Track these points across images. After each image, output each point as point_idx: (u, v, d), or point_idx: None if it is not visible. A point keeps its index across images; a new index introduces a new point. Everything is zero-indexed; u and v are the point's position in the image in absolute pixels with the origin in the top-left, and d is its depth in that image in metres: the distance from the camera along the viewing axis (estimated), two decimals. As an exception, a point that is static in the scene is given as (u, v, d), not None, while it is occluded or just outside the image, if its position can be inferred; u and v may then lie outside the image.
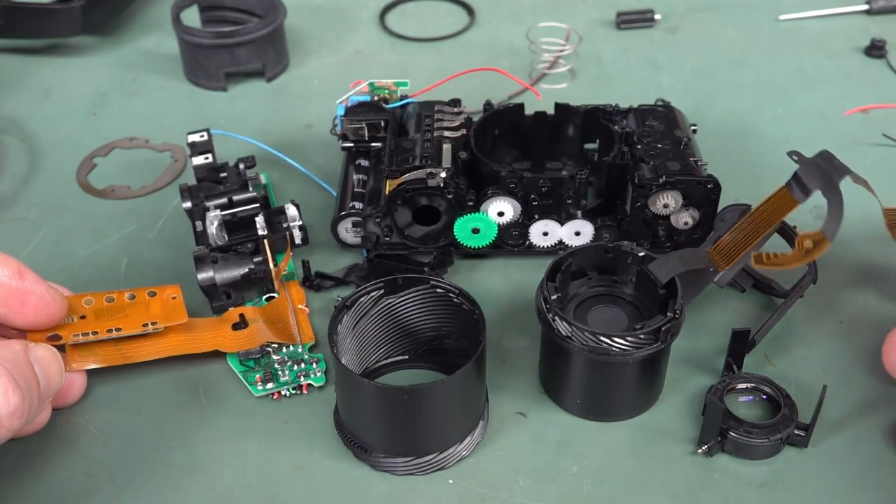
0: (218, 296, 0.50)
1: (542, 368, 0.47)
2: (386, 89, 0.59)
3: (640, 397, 0.45)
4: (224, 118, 0.67)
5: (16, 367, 0.39)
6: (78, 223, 0.58)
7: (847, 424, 0.44)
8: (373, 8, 0.80)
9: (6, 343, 0.40)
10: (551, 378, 0.46)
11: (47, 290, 0.43)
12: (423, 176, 0.50)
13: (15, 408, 0.38)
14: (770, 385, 0.44)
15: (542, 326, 0.44)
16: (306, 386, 0.47)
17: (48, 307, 0.43)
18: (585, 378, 0.44)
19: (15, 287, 0.42)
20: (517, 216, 0.52)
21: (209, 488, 0.43)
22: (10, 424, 0.38)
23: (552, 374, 0.46)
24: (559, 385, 0.45)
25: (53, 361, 0.41)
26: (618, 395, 0.44)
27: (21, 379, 0.38)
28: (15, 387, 0.38)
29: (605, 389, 0.44)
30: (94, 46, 0.76)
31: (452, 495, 0.42)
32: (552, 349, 0.44)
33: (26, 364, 0.39)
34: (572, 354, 0.43)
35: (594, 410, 0.45)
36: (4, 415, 0.37)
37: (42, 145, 0.65)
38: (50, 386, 0.41)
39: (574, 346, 0.42)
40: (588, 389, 0.44)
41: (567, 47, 0.71)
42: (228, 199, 0.52)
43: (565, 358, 0.43)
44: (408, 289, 0.45)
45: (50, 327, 0.44)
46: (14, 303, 0.42)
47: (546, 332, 0.44)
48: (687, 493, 0.42)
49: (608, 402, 0.45)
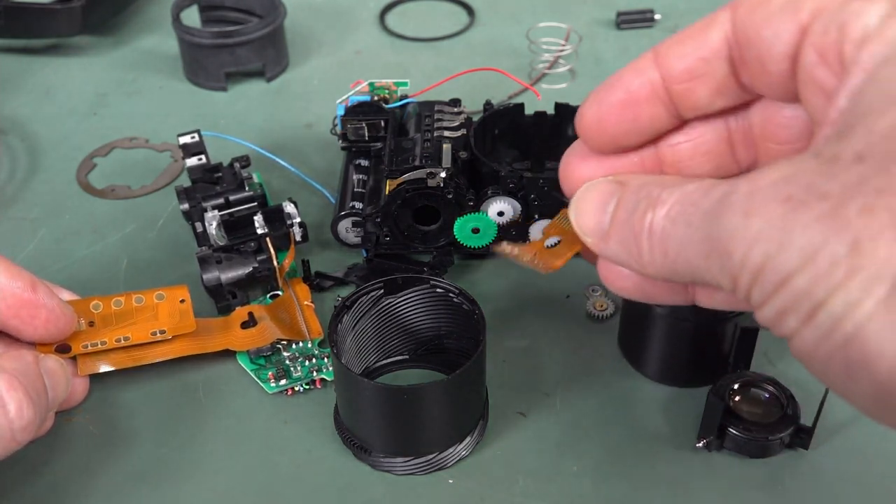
0: (223, 296, 0.50)
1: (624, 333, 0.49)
2: (386, 89, 0.59)
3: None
4: (224, 118, 0.67)
5: (29, 380, 0.39)
6: (78, 223, 0.58)
7: (847, 425, 0.44)
8: (373, 8, 0.80)
9: (18, 354, 0.40)
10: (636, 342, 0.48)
11: (58, 304, 0.43)
12: (423, 176, 0.50)
13: (28, 422, 0.38)
14: (774, 385, 0.44)
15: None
16: (319, 381, 0.47)
17: (58, 321, 0.43)
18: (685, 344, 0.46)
19: (27, 299, 0.42)
20: (517, 216, 0.52)
21: (209, 488, 0.43)
22: (21, 438, 0.38)
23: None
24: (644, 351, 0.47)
25: (61, 373, 0.42)
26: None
27: (33, 392, 0.39)
28: (29, 401, 0.38)
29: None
30: (94, 46, 0.76)
31: (452, 495, 0.42)
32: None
33: (38, 377, 0.40)
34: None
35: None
36: (18, 428, 0.38)
37: (42, 145, 0.65)
38: (56, 398, 0.41)
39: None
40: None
41: (567, 47, 0.71)
42: (225, 199, 0.52)
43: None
44: (407, 289, 0.45)
45: (59, 340, 0.44)
46: (25, 315, 0.42)
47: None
48: (687, 492, 0.42)
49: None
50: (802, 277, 0.24)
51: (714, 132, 0.33)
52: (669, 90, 0.32)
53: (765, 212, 0.25)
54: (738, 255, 0.26)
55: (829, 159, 0.25)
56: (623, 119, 0.33)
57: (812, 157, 0.25)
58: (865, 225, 0.23)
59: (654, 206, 0.29)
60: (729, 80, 0.31)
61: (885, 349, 0.23)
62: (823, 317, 0.24)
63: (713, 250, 0.27)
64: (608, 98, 0.33)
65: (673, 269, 0.29)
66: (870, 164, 0.24)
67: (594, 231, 0.32)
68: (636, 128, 0.33)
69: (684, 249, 0.28)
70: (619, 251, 0.31)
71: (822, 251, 0.24)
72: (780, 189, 0.25)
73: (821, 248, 0.24)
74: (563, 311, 0.51)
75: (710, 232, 0.27)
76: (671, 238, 0.28)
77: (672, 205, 0.29)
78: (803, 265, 0.24)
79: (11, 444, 0.38)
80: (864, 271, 0.23)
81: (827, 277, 0.23)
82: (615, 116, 0.33)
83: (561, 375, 0.48)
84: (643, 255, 0.30)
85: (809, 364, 0.25)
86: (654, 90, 0.32)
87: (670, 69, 0.31)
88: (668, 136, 0.34)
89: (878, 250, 0.23)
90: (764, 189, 0.25)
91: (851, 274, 0.23)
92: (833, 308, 0.24)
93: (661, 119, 0.33)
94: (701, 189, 0.28)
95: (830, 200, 0.24)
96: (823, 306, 0.24)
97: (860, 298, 0.23)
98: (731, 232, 0.26)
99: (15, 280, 0.42)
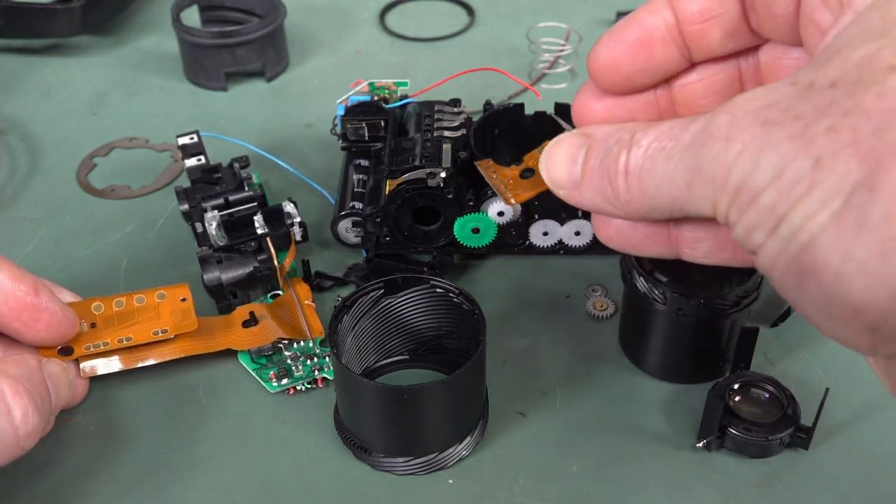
0: (224, 296, 0.50)
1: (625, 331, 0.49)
2: (386, 89, 0.59)
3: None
4: (224, 118, 0.67)
5: (33, 385, 0.39)
6: (78, 223, 0.58)
7: (847, 425, 0.44)
8: (373, 8, 0.80)
9: (22, 359, 0.40)
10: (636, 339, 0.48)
11: (60, 307, 0.43)
12: (423, 176, 0.50)
13: (34, 428, 0.38)
14: (774, 385, 0.44)
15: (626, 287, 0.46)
16: (321, 380, 0.47)
17: (60, 325, 0.43)
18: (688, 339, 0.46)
19: (29, 303, 0.42)
20: (517, 216, 0.52)
21: (209, 488, 0.43)
22: (26, 444, 0.38)
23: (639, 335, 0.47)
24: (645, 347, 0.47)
25: (63, 377, 0.42)
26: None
27: (38, 397, 0.39)
28: (35, 407, 0.38)
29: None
30: (94, 46, 0.76)
31: (452, 495, 0.42)
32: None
33: (41, 382, 0.40)
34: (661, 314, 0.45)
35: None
36: (23, 435, 0.38)
37: (42, 145, 0.65)
38: (59, 402, 0.41)
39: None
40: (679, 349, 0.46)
41: (567, 47, 0.71)
42: (225, 200, 0.52)
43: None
44: (407, 289, 0.45)
45: (60, 344, 0.44)
46: (27, 318, 0.42)
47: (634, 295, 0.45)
48: (687, 492, 0.42)
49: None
50: (770, 193, 0.25)
51: (725, 72, 0.34)
52: (683, 31, 0.33)
53: (744, 136, 0.26)
54: (721, 179, 0.27)
55: (805, 86, 0.26)
56: (638, 59, 0.33)
57: (789, 84, 0.26)
58: (829, 142, 0.24)
59: (629, 148, 0.30)
60: (740, 23, 0.32)
61: (831, 258, 0.24)
62: (784, 229, 0.25)
63: (696, 179, 0.28)
64: (624, 37, 0.33)
65: (652, 205, 0.30)
66: (841, 88, 0.25)
67: (566, 183, 0.33)
68: (650, 67, 0.34)
69: (665, 183, 0.29)
70: (593, 197, 0.32)
71: (788, 167, 0.25)
72: (759, 114, 0.26)
73: (789, 164, 0.25)
74: (563, 311, 0.51)
75: (693, 163, 0.28)
76: (650, 174, 0.30)
77: (649, 143, 0.30)
78: (772, 181, 0.25)
79: (16, 451, 0.38)
80: (823, 185, 0.24)
81: (790, 192, 0.25)
82: (630, 56, 0.33)
83: (561, 375, 0.48)
84: (620, 197, 0.31)
85: (771, 277, 0.27)
86: (669, 31, 0.33)
87: (684, 10, 0.32)
88: (680, 76, 0.34)
89: (837, 166, 0.24)
90: (743, 116, 0.27)
91: (811, 188, 0.24)
92: (793, 220, 0.25)
93: (673, 60, 0.33)
94: (679, 125, 0.29)
95: (803, 120, 0.25)
96: (785, 219, 0.25)
97: (816, 210, 0.24)
98: (714, 158, 0.27)
99: (18, 283, 0.41)
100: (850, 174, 0.24)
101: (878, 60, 0.25)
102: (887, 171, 0.23)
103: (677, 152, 0.29)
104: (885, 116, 0.24)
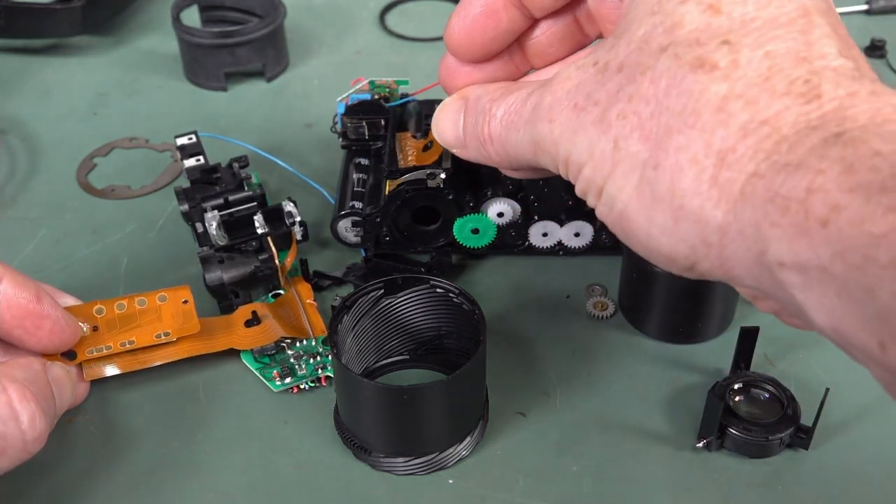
0: (226, 295, 0.50)
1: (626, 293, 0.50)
2: (386, 87, 0.59)
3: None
4: (224, 118, 0.67)
5: (39, 389, 0.39)
6: (78, 223, 0.58)
7: (847, 425, 0.44)
8: (373, 8, 0.80)
9: (26, 363, 0.40)
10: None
11: (63, 315, 0.43)
12: (423, 176, 0.50)
13: (40, 432, 0.38)
14: (774, 385, 0.44)
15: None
16: (324, 378, 0.47)
17: (62, 332, 0.43)
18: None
19: (32, 310, 0.42)
20: (517, 217, 0.52)
21: (209, 488, 0.43)
22: (33, 448, 0.38)
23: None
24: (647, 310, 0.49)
25: (67, 381, 0.42)
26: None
27: (43, 402, 0.39)
28: (41, 412, 0.38)
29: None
30: (94, 46, 0.76)
31: (452, 495, 0.42)
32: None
33: (46, 386, 0.40)
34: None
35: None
36: (30, 439, 0.38)
37: (42, 145, 0.65)
38: (62, 406, 0.41)
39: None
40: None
41: (567, 47, 0.71)
42: (225, 200, 0.52)
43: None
44: (407, 289, 0.45)
45: (61, 351, 0.44)
46: (29, 325, 0.42)
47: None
48: (687, 492, 0.42)
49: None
50: (588, 168, 0.31)
51: (563, 22, 0.39)
52: None
53: (561, 119, 0.32)
54: (552, 153, 0.33)
55: (601, 69, 0.31)
56: (487, 27, 0.39)
57: (592, 65, 0.32)
58: (621, 126, 0.30)
59: (488, 119, 0.37)
60: None
61: (640, 224, 0.30)
62: (605, 197, 0.31)
63: (538, 150, 0.34)
64: (471, 12, 0.39)
65: (518, 162, 0.36)
66: (625, 73, 0.30)
67: (455, 143, 0.40)
68: (499, 34, 0.39)
69: (519, 150, 0.35)
70: (476, 155, 0.39)
71: (596, 149, 0.31)
72: (571, 97, 0.32)
73: (595, 146, 0.31)
74: (563, 311, 0.51)
75: (532, 136, 0.34)
76: (508, 142, 0.36)
77: (501, 116, 0.36)
78: (588, 159, 0.31)
79: (23, 455, 0.38)
80: (622, 164, 0.30)
81: (601, 169, 0.31)
82: (480, 28, 0.39)
83: (561, 375, 0.48)
84: (492, 156, 0.38)
85: (611, 228, 0.32)
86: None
87: None
88: (528, 33, 0.40)
89: (629, 147, 0.30)
90: (560, 99, 0.32)
91: (615, 166, 0.30)
92: (609, 191, 0.31)
93: (517, 21, 0.39)
94: (519, 100, 0.35)
95: (600, 106, 0.31)
96: (604, 190, 0.31)
97: (622, 185, 0.30)
98: (544, 136, 0.33)
99: (21, 290, 0.41)
100: (638, 154, 0.29)
101: (652, 40, 0.29)
102: (665, 150, 0.28)
103: (521, 126, 0.35)
104: (658, 100, 0.29)
